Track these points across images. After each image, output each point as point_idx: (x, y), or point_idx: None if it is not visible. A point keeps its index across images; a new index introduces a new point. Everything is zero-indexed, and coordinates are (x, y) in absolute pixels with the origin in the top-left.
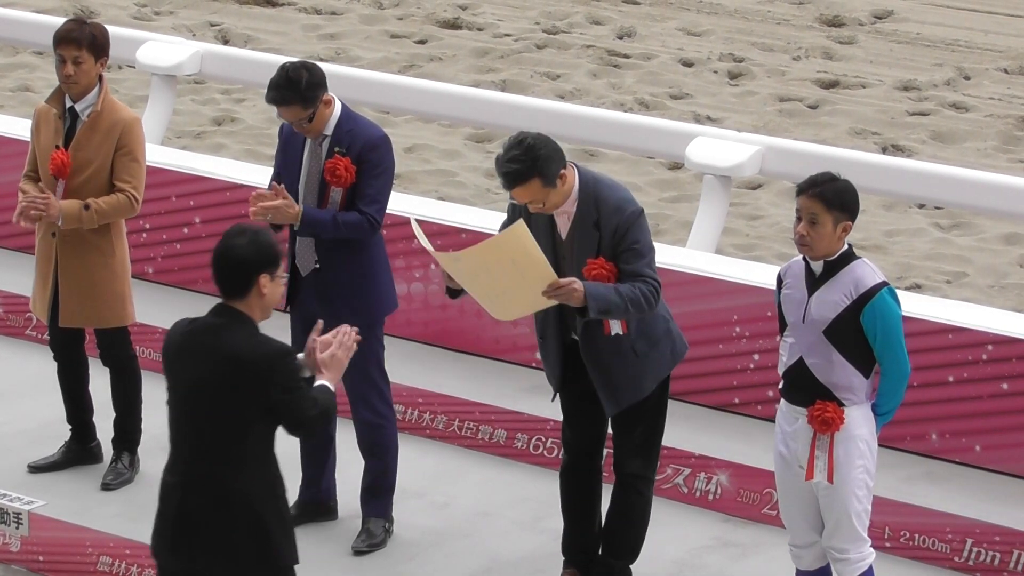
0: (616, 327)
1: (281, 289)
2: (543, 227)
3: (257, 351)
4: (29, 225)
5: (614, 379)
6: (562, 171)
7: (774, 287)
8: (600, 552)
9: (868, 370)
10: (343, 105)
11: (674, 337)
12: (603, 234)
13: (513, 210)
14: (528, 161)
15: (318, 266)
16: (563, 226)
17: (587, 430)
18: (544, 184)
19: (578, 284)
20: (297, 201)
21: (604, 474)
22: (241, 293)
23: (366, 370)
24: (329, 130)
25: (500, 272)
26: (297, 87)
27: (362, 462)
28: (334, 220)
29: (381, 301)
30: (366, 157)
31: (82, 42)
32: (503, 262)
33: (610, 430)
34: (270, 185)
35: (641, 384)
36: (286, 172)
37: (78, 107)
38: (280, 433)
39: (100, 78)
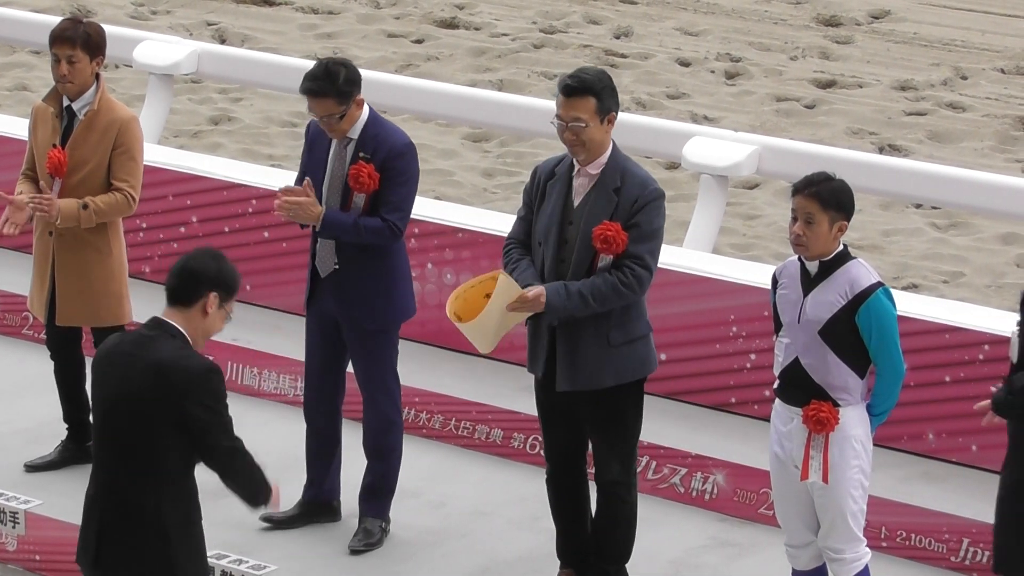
0: None
1: (223, 324)
2: (557, 192)
3: (180, 362)
4: (11, 232)
5: (579, 356)
6: (613, 114)
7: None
8: (593, 556)
9: (863, 370)
10: (371, 109)
11: (650, 348)
12: (621, 201)
13: (532, 182)
14: (595, 79)
15: (337, 267)
16: (580, 189)
17: (566, 439)
18: (597, 108)
19: (544, 297)
20: (321, 203)
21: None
22: (186, 301)
23: (379, 372)
24: (355, 133)
25: (488, 315)
26: (335, 81)
27: (362, 462)
28: (355, 224)
29: (398, 307)
30: (391, 164)
31: (76, 41)
32: (491, 309)
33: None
34: (298, 180)
35: (600, 374)
36: (312, 173)
37: (75, 106)
38: (283, 432)
39: (97, 77)
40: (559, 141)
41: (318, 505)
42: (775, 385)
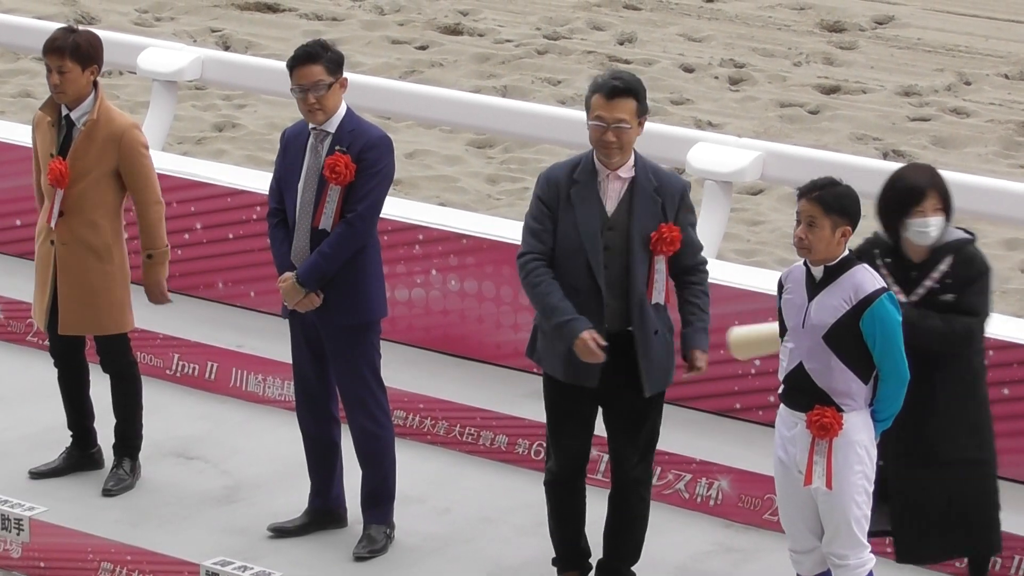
0: (659, 296)
1: None
2: (588, 198)
3: None
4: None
5: (654, 360)
6: (646, 116)
7: (775, 292)
8: (603, 556)
9: (867, 376)
10: (348, 107)
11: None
12: (665, 200)
13: (551, 191)
14: (635, 81)
15: None
16: (614, 194)
17: (580, 440)
18: (636, 110)
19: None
20: (296, 199)
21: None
22: None
23: (361, 377)
24: (332, 127)
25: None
26: (326, 48)
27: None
28: (321, 253)
29: (373, 303)
30: (364, 156)
31: (65, 51)
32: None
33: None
34: (272, 186)
35: (669, 370)
36: (286, 174)
37: (73, 115)
38: (288, 438)
39: (96, 85)
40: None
41: (325, 513)
42: (779, 390)
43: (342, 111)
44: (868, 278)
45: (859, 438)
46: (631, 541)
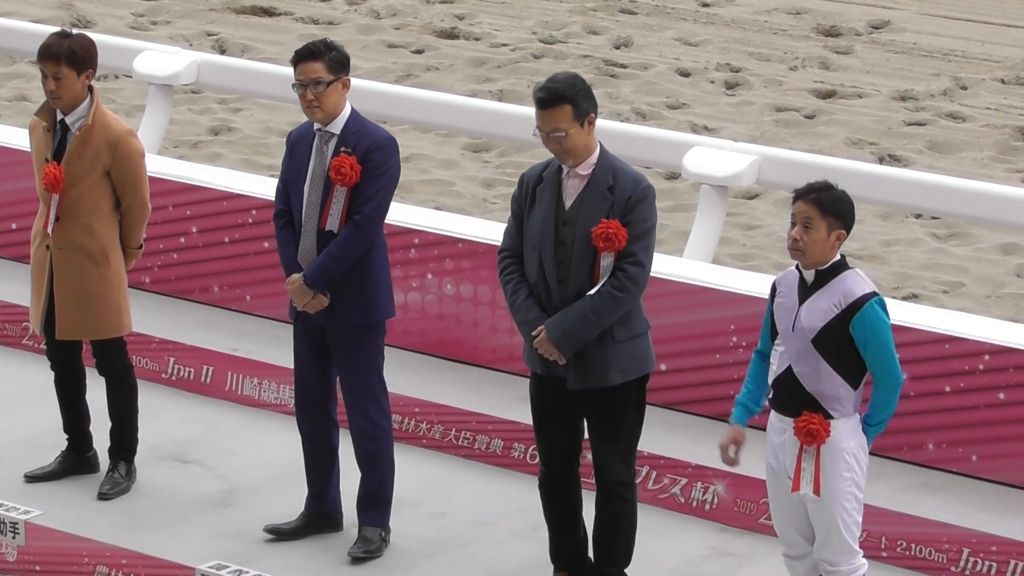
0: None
1: None
2: (548, 195)
3: None
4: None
5: (586, 354)
6: (592, 115)
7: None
8: (593, 560)
9: (856, 381)
10: (353, 109)
11: (650, 345)
12: (616, 199)
13: (521, 189)
14: (567, 86)
15: None
16: (572, 191)
17: (562, 441)
18: (574, 115)
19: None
20: (302, 201)
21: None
22: None
23: (365, 378)
24: (337, 129)
25: None
26: (329, 48)
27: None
28: (329, 255)
29: (380, 304)
30: (370, 157)
31: (61, 57)
32: None
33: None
34: (278, 187)
35: (607, 371)
36: (292, 175)
37: (68, 120)
38: (284, 442)
39: (90, 90)
40: None
41: (321, 517)
42: (769, 396)
43: (346, 112)
44: (858, 282)
45: (847, 446)
46: (616, 544)
